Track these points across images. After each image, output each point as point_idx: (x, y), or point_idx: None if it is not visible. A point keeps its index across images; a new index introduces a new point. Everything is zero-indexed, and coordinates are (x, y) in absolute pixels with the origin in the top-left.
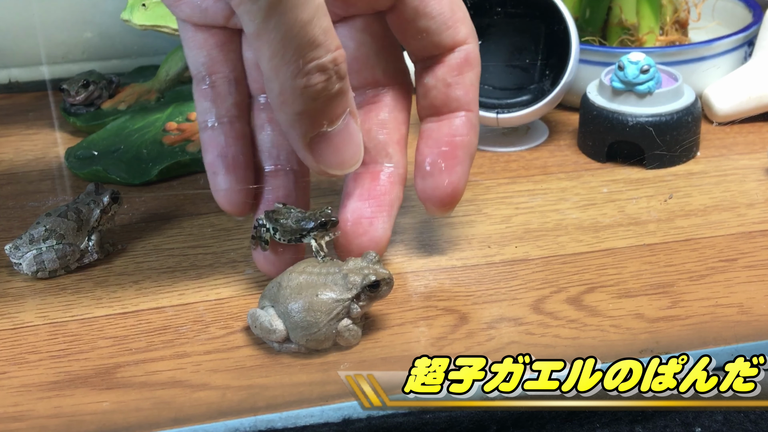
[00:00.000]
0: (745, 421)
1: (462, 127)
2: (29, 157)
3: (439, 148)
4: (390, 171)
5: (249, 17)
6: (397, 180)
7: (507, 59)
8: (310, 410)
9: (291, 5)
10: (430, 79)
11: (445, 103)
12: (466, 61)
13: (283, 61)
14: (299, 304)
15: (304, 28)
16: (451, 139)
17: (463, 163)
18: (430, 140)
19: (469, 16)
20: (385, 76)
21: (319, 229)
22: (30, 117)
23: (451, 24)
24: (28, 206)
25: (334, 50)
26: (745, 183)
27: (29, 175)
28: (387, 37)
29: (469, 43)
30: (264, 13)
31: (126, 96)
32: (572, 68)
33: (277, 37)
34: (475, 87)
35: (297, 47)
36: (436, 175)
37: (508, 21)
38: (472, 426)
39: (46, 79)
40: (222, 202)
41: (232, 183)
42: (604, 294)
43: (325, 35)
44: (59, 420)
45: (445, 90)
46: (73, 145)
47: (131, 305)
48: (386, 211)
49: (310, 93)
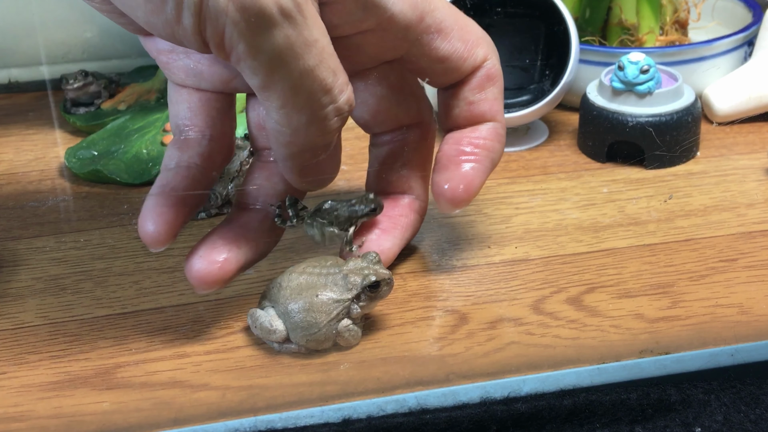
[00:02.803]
0: (745, 421)
1: (487, 131)
2: (29, 157)
3: (460, 145)
4: (410, 199)
5: (252, 72)
6: (415, 208)
7: (507, 59)
8: (310, 410)
9: (294, 55)
10: (452, 100)
11: (468, 120)
12: (487, 78)
13: (295, 108)
14: (299, 305)
15: (312, 75)
16: (473, 139)
17: (482, 162)
18: (451, 139)
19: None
20: (407, 118)
21: (369, 215)
22: (30, 117)
23: (467, 55)
24: (28, 206)
25: (346, 88)
26: (745, 183)
27: (29, 175)
28: (405, 83)
29: (488, 60)
30: (267, 67)
31: (126, 96)
32: (572, 68)
33: (285, 87)
34: (499, 100)
35: (308, 94)
36: (452, 169)
37: (508, 21)
38: (472, 426)
39: (46, 79)
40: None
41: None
42: (604, 294)
43: (335, 76)
44: (59, 420)
45: (468, 107)
46: (73, 145)
47: (131, 305)
48: (399, 230)
49: (324, 135)
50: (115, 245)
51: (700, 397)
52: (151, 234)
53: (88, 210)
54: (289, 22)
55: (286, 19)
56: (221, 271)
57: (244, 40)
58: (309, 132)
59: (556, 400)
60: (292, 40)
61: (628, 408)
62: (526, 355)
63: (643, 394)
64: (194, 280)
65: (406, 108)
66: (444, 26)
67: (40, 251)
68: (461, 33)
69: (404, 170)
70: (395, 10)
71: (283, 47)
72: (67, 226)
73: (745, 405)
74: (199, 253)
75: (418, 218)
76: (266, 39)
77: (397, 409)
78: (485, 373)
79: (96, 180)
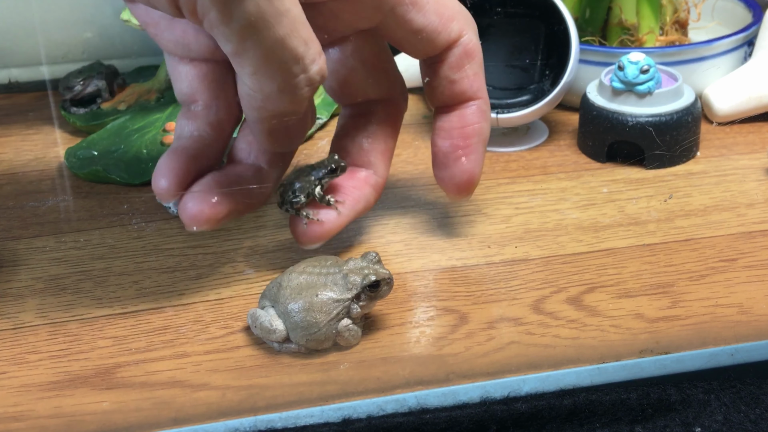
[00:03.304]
0: (745, 421)
1: (472, 116)
2: (29, 157)
3: (452, 140)
4: (367, 174)
5: (225, 39)
6: (372, 183)
7: (507, 59)
8: (310, 410)
9: (266, 24)
10: (434, 78)
11: (451, 98)
12: (465, 54)
13: (266, 76)
14: (299, 304)
15: (283, 44)
16: (462, 129)
17: (476, 150)
18: (442, 131)
19: (460, 3)
20: (376, 93)
21: (330, 175)
22: (30, 117)
23: (441, 28)
24: (28, 206)
25: (318, 57)
26: (745, 183)
27: (29, 175)
28: (378, 57)
29: (464, 36)
30: (239, 35)
31: (126, 96)
32: (572, 68)
33: (257, 55)
34: (479, 75)
35: (280, 63)
36: (452, 166)
37: (508, 21)
38: (472, 426)
39: (46, 79)
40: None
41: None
42: (604, 294)
43: (307, 45)
44: (59, 420)
45: (450, 86)
46: (73, 145)
47: (131, 305)
48: (349, 202)
49: (295, 102)
50: (115, 245)
51: (700, 397)
52: (162, 188)
53: (88, 210)
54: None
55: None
56: (212, 211)
57: (216, 8)
58: (280, 99)
59: (556, 400)
60: (263, 9)
61: (628, 408)
62: (526, 354)
63: (643, 394)
64: (187, 218)
65: (376, 82)
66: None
67: (40, 251)
68: (436, 6)
69: (366, 144)
70: None
71: (254, 16)
72: (67, 226)
73: (745, 405)
74: (193, 193)
75: (373, 193)
76: (237, 7)
77: (397, 409)
78: (485, 373)
79: (96, 180)
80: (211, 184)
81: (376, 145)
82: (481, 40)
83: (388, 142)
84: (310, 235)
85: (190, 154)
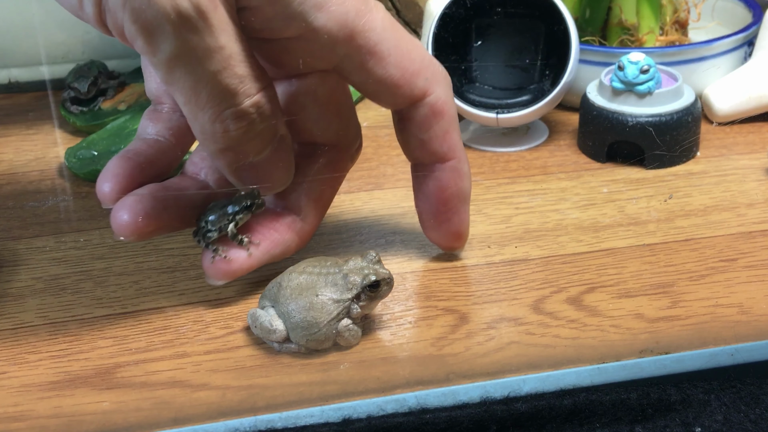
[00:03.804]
0: (745, 421)
1: (447, 180)
2: (29, 157)
3: (432, 205)
4: (294, 219)
5: (154, 66)
6: (296, 229)
7: (507, 59)
8: (310, 410)
9: (195, 58)
10: (402, 134)
11: (423, 156)
12: (432, 114)
13: (197, 107)
14: (299, 304)
15: (214, 78)
16: (441, 194)
17: (458, 211)
18: (421, 195)
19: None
20: (324, 137)
21: (244, 212)
22: (30, 117)
23: (403, 83)
24: (28, 206)
25: (255, 94)
26: (745, 183)
27: (29, 175)
28: (331, 100)
29: (430, 95)
30: (166, 66)
31: (126, 96)
32: (572, 68)
33: (186, 86)
34: (450, 134)
35: (209, 96)
36: (438, 228)
37: (508, 21)
38: (472, 426)
39: (46, 79)
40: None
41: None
42: (604, 294)
43: (242, 82)
44: (59, 420)
45: (420, 146)
46: (73, 145)
47: (131, 305)
48: (264, 247)
49: (230, 137)
50: (115, 245)
51: (700, 397)
52: (104, 192)
53: (88, 210)
54: (189, 27)
55: (185, 24)
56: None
57: (142, 38)
58: (214, 131)
59: (556, 400)
60: (191, 45)
61: (628, 408)
62: (526, 354)
63: (643, 394)
64: (114, 227)
65: (326, 126)
66: (378, 50)
67: (40, 251)
68: (399, 60)
69: (300, 188)
70: (317, 24)
71: (181, 50)
72: (67, 226)
73: (745, 405)
74: (124, 202)
75: (295, 239)
76: (163, 41)
77: (397, 409)
78: (485, 373)
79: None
80: (146, 195)
81: (311, 191)
82: (481, 40)
83: (325, 191)
84: (215, 272)
85: (141, 159)
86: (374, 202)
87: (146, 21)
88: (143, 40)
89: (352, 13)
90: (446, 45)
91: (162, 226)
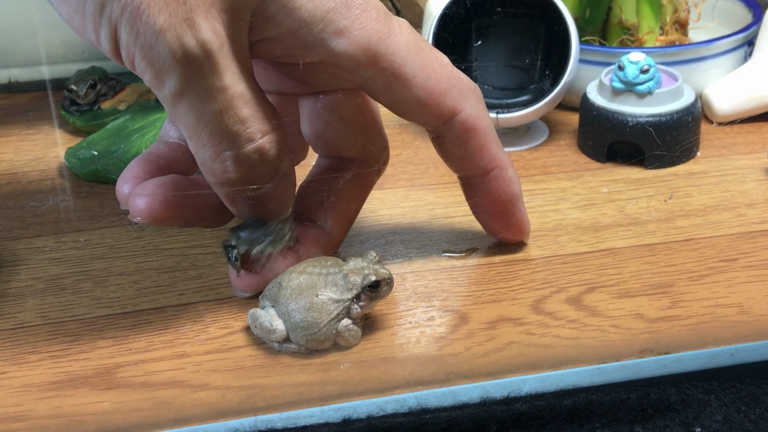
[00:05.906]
0: (745, 421)
1: (496, 189)
2: (29, 157)
3: (489, 214)
4: (320, 233)
5: (161, 99)
6: (322, 243)
7: (507, 59)
8: (310, 410)
9: (197, 96)
10: (442, 151)
11: (466, 170)
12: (464, 131)
13: (199, 144)
14: (299, 304)
15: (216, 118)
16: (493, 203)
17: (515, 212)
18: (474, 204)
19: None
20: (350, 152)
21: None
22: (30, 117)
23: (431, 103)
24: (28, 206)
25: (258, 138)
26: (745, 183)
27: (29, 175)
28: (358, 117)
29: (460, 112)
30: (171, 100)
31: (126, 96)
32: (572, 68)
33: (189, 123)
34: (486, 146)
35: (210, 136)
36: (501, 231)
37: (508, 21)
38: (472, 426)
39: (46, 79)
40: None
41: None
42: (604, 294)
43: (243, 125)
44: (59, 420)
45: (460, 161)
46: (73, 145)
47: (131, 305)
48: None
49: (228, 177)
50: (115, 245)
51: (700, 397)
52: (124, 194)
53: (88, 210)
54: (193, 65)
55: (189, 62)
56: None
57: (150, 73)
58: (213, 169)
59: (556, 400)
60: (194, 83)
61: (628, 408)
62: (526, 355)
63: (643, 394)
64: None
65: (352, 142)
66: (403, 72)
67: (40, 251)
68: (425, 81)
69: (328, 202)
70: (339, 50)
71: (184, 88)
72: (67, 226)
73: (745, 405)
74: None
75: (321, 253)
76: (169, 77)
77: (397, 409)
78: (485, 373)
79: (96, 180)
80: (168, 183)
81: (339, 206)
82: (481, 40)
83: (351, 204)
84: (242, 284)
85: (162, 162)
86: (374, 202)
87: (153, 57)
88: (151, 75)
89: (374, 37)
90: (446, 45)
91: (177, 216)
